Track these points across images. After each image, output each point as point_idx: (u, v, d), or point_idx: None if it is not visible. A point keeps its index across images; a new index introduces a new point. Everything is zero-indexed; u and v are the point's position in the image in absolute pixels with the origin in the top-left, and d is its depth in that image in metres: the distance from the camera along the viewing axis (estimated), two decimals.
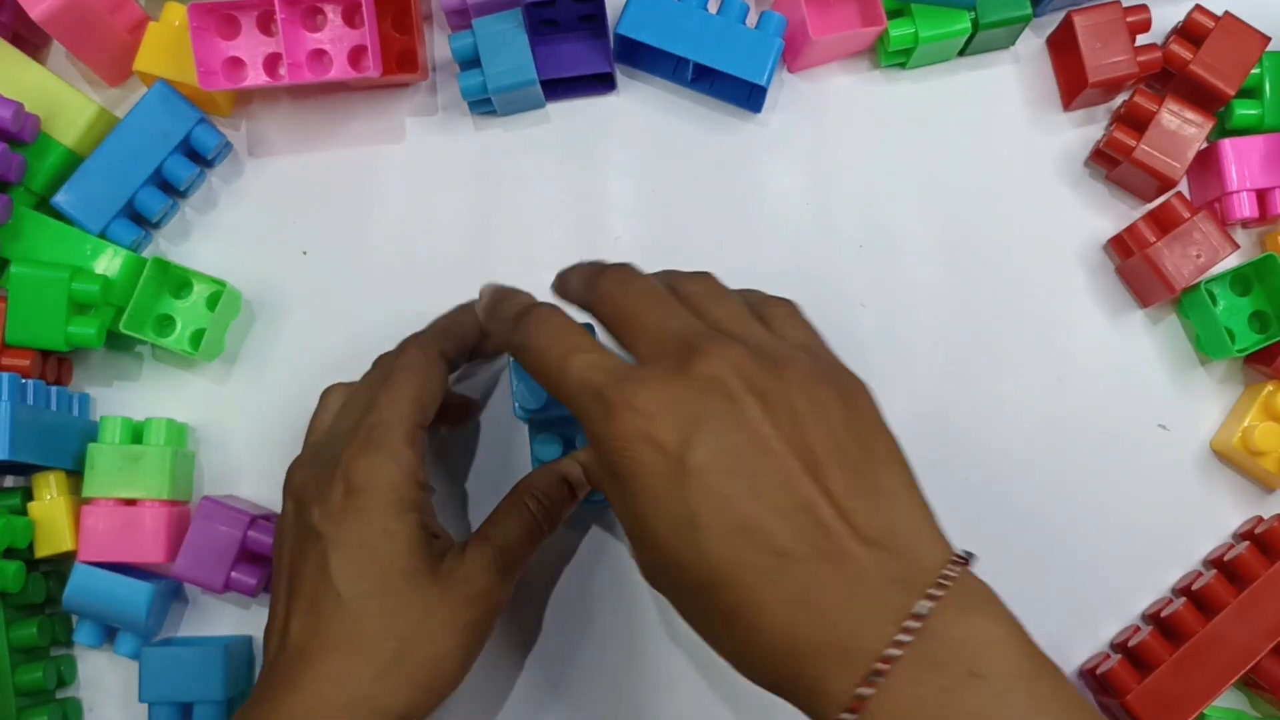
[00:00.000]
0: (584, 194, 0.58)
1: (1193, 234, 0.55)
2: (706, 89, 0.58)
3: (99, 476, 0.53)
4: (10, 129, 0.52)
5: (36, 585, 0.53)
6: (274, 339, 0.58)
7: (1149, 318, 0.58)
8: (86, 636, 0.54)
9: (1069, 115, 0.59)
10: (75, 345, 0.54)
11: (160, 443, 0.54)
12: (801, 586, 0.36)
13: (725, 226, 0.58)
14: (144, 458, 0.54)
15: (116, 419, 0.54)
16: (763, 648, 0.37)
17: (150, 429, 0.54)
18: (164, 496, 0.54)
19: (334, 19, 0.54)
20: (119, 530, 0.53)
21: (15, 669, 0.52)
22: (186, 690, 0.52)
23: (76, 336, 0.54)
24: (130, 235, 0.56)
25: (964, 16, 0.56)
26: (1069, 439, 0.57)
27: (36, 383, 0.53)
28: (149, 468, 0.53)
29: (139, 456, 0.54)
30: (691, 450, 0.37)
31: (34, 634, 0.52)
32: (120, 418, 0.54)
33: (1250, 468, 0.56)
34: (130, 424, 0.54)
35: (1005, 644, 0.35)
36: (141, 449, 0.54)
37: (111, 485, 0.53)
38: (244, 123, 0.59)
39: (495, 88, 0.55)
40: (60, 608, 0.54)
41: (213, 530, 0.53)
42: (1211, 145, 0.56)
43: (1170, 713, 0.52)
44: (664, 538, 0.37)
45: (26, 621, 0.53)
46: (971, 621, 0.36)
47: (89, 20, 0.54)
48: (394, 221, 0.58)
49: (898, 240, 0.58)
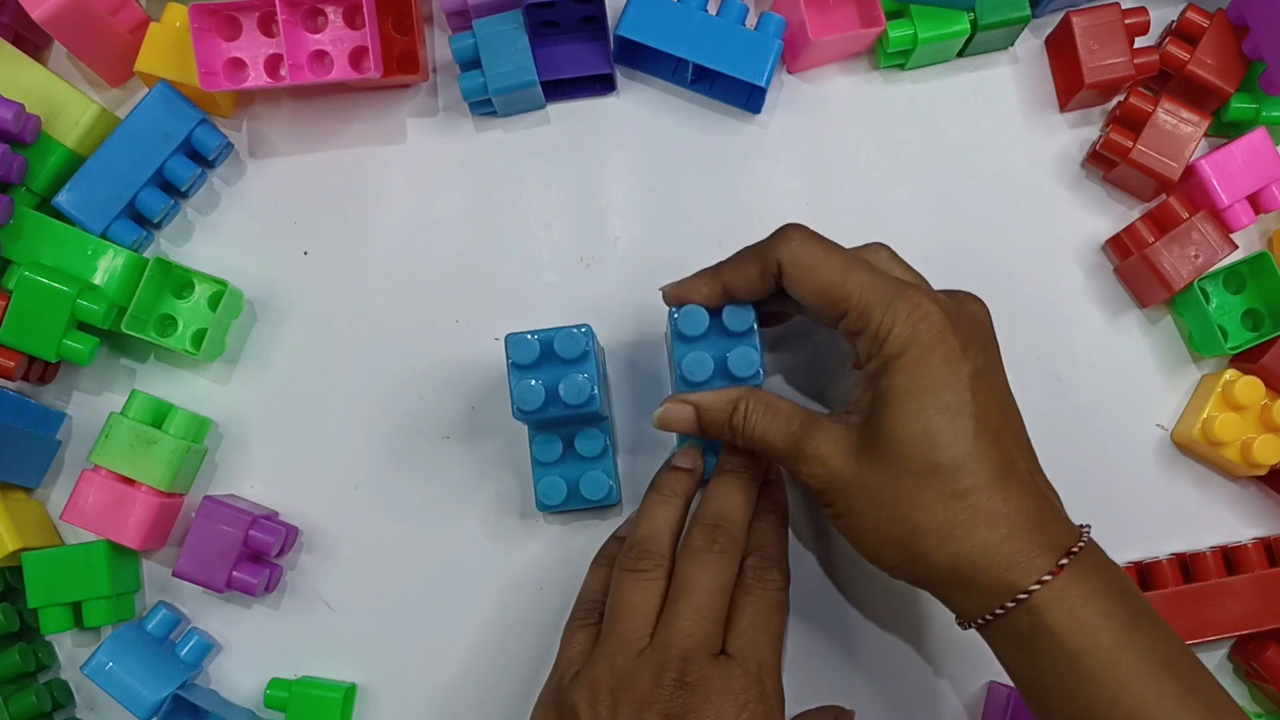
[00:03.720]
0: (584, 194, 0.58)
1: (1191, 234, 0.55)
2: (706, 90, 0.58)
3: (110, 446, 0.54)
4: (11, 130, 0.52)
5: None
6: (275, 339, 0.58)
7: (1147, 318, 0.58)
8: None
9: (1066, 116, 0.59)
10: (65, 359, 0.54)
11: (178, 434, 0.54)
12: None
13: (725, 226, 0.58)
14: (158, 443, 0.54)
15: (148, 396, 0.55)
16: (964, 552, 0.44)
17: (172, 418, 0.55)
18: (162, 488, 0.54)
19: (335, 20, 0.54)
20: (107, 505, 0.54)
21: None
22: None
23: (69, 351, 0.54)
24: (132, 235, 0.56)
25: (963, 18, 0.56)
26: (1068, 439, 0.57)
27: (8, 394, 0.54)
28: (158, 455, 0.54)
29: (153, 441, 0.54)
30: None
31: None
32: (151, 396, 0.55)
33: (1213, 458, 0.57)
34: (157, 405, 0.55)
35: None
36: (158, 434, 0.54)
37: (117, 459, 0.54)
38: (245, 123, 0.59)
39: (496, 89, 0.55)
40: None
41: (215, 530, 0.53)
42: (1190, 167, 0.56)
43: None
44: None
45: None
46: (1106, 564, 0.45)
47: (90, 21, 0.54)
48: (394, 222, 0.58)
49: (897, 240, 0.58)
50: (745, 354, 0.49)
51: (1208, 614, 0.54)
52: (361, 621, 0.56)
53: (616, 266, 0.58)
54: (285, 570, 0.57)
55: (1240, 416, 0.55)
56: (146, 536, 0.54)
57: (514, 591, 0.56)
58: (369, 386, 0.57)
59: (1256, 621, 0.54)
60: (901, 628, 0.56)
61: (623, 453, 0.57)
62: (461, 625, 0.56)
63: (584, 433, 0.54)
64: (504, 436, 0.57)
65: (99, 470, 0.54)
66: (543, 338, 0.50)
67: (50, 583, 0.54)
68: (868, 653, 0.56)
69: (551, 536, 0.57)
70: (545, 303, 0.57)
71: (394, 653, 0.56)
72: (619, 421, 0.57)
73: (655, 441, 0.57)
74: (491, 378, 0.57)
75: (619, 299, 0.57)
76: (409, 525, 0.57)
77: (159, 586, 0.57)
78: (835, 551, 0.56)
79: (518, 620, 0.56)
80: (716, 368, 0.49)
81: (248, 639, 0.57)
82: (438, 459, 0.57)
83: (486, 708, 0.56)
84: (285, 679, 0.55)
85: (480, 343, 0.57)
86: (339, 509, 0.57)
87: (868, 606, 0.56)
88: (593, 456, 0.54)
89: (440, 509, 0.57)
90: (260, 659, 0.56)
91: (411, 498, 0.57)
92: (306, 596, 0.57)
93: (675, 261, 0.57)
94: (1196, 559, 0.55)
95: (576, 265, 0.58)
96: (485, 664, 0.56)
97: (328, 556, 0.57)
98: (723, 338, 0.50)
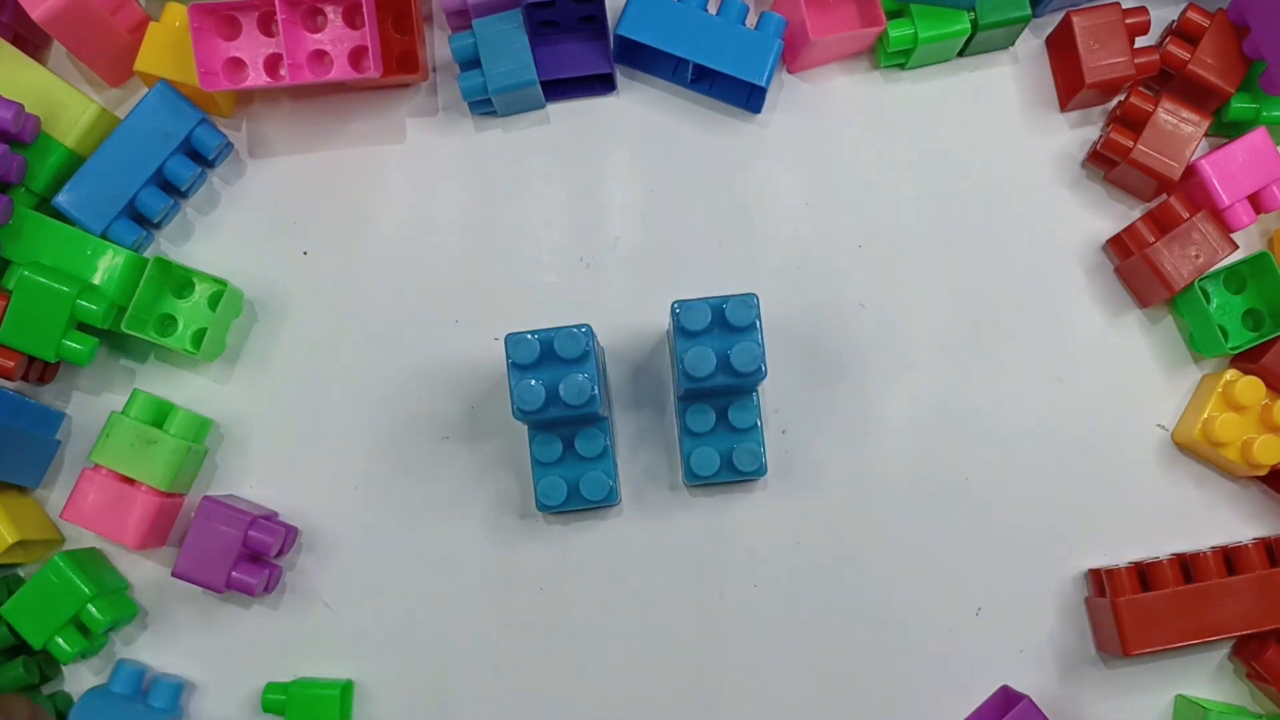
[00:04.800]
0: (584, 194, 0.58)
1: (1192, 234, 0.55)
2: (706, 90, 0.58)
3: (110, 445, 0.54)
4: (11, 130, 0.52)
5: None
6: (275, 339, 0.58)
7: (1148, 318, 0.58)
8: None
9: (1066, 116, 0.59)
10: (64, 359, 0.54)
11: (179, 434, 0.54)
12: None
13: (725, 226, 0.58)
14: (158, 443, 0.54)
15: (149, 396, 0.55)
16: None
17: (173, 418, 0.55)
18: (163, 488, 0.54)
19: (335, 20, 0.54)
20: (107, 504, 0.54)
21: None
22: None
23: (68, 351, 0.54)
24: (132, 235, 0.56)
25: (963, 17, 0.56)
26: (1068, 439, 0.57)
27: (8, 394, 0.54)
28: (159, 455, 0.54)
29: (153, 441, 0.54)
30: None
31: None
32: (153, 395, 0.55)
33: (1213, 458, 0.57)
34: (159, 404, 0.55)
35: None
36: (158, 434, 0.54)
37: (117, 459, 0.54)
38: (245, 123, 0.59)
39: (495, 88, 0.55)
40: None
41: (214, 530, 0.53)
42: (1190, 166, 0.56)
43: (1148, 632, 0.53)
44: None
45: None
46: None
47: (90, 21, 0.54)
48: (394, 222, 0.58)
49: (897, 240, 0.58)
50: (748, 349, 0.49)
51: (1208, 614, 0.54)
52: (361, 621, 0.56)
53: (616, 266, 0.58)
54: (285, 570, 0.57)
55: (1240, 416, 0.55)
56: (146, 536, 0.54)
57: (514, 591, 0.56)
58: (369, 386, 0.57)
59: (1257, 622, 0.54)
60: (903, 627, 0.56)
61: (623, 453, 0.57)
62: (461, 625, 0.56)
63: (584, 433, 0.54)
64: (504, 436, 0.57)
65: (99, 469, 0.54)
66: (543, 338, 0.50)
67: (37, 617, 0.54)
68: (870, 654, 0.56)
69: (551, 536, 0.57)
70: (545, 303, 0.57)
71: (394, 653, 0.56)
72: (619, 421, 0.57)
73: (655, 441, 0.57)
74: (491, 378, 0.57)
75: (619, 299, 0.57)
76: (409, 525, 0.57)
77: (160, 587, 0.57)
78: (840, 556, 0.56)
79: (518, 620, 0.56)
80: (719, 363, 0.49)
81: (247, 639, 0.56)
82: (438, 459, 0.57)
83: (486, 708, 0.56)
84: (281, 682, 0.55)
85: (480, 343, 0.57)
86: (339, 509, 0.57)
87: (871, 608, 0.56)
88: (593, 457, 0.54)
89: (440, 509, 0.57)
90: (260, 659, 0.56)
91: (411, 498, 0.57)
92: (306, 597, 0.57)
93: (675, 261, 0.58)
94: (1197, 559, 0.55)
95: (576, 265, 0.58)
96: (485, 664, 0.56)
97: (327, 556, 0.57)
98: (725, 333, 0.50)
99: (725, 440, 0.54)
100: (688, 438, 0.55)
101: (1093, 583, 0.56)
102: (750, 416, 0.54)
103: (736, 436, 0.54)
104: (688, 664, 0.56)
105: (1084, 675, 0.56)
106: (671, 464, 0.57)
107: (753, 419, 0.54)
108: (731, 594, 0.56)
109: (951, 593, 0.56)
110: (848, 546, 0.56)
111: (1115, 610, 0.53)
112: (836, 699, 0.56)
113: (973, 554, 0.56)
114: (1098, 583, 0.56)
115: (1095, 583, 0.56)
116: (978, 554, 0.56)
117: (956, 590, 0.56)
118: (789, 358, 0.57)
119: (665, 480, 0.57)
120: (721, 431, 0.54)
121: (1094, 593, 0.56)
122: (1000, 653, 0.56)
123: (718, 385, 0.51)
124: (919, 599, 0.56)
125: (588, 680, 0.56)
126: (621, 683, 0.56)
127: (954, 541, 0.56)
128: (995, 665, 0.56)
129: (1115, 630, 0.53)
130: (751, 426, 0.54)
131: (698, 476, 0.54)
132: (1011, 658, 0.56)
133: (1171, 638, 0.53)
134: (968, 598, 0.56)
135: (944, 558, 0.56)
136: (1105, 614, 0.54)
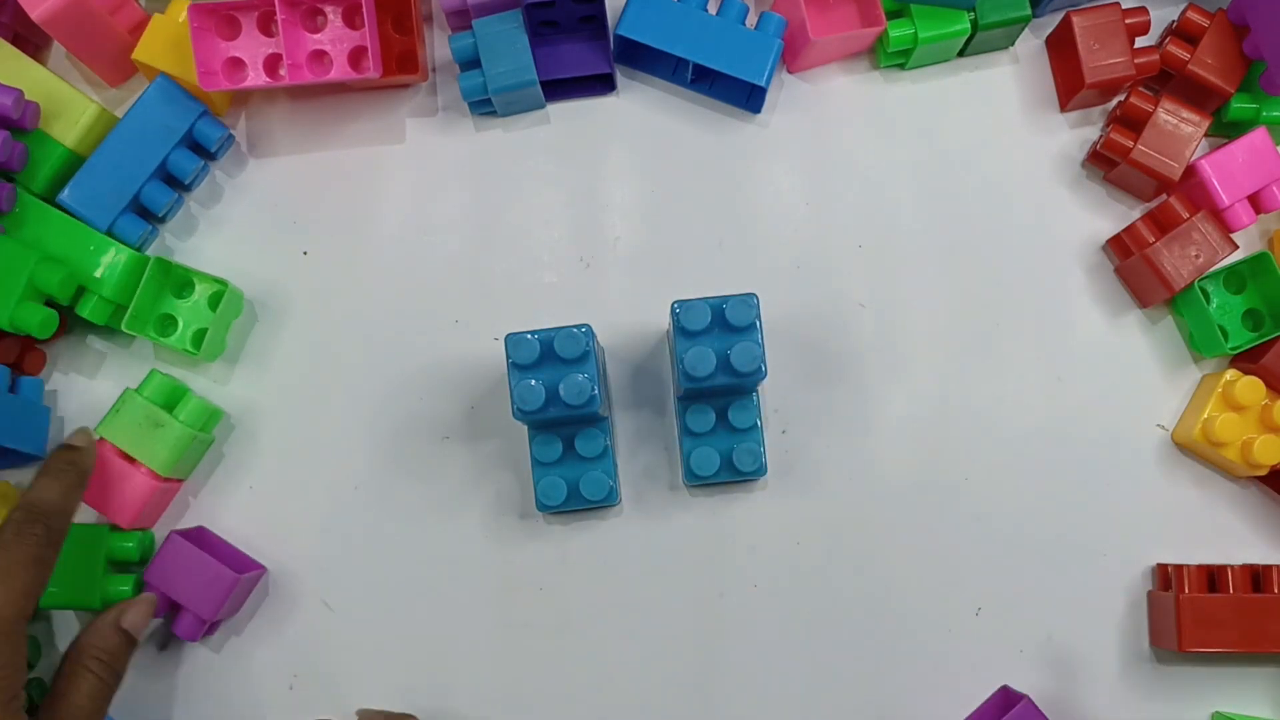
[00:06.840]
0: (584, 194, 0.58)
1: (1192, 234, 0.55)
2: (706, 90, 0.58)
3: (118, 422, 0.54)
4: (11, 116, 0.52)
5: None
6: (275, 339, 0.58)
7: (1148, 318, 0.58)
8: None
9: (1066, 116, 0.59)
10: (19, 329, 0.53)
11: (187, 421, 0.54)
12: None
13: (725, 226, 0.58)
14: (165, 427, 0.54)
15: (166, 377, 0.55)
16: None
17: (185, 403, 0.55)
18: (162, 473, 0.54)
19: (334, 20, 0.54)
20: (104, 480, 0.54)
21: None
22: None
23: (21, 319, 0.52)
24: (137, 230, 0.56)
25: (963, 17, 0.56)
26: (1068, 439, 0.57)
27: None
28: (164, 439, 0.54)
29: (161, 424, 0.54)
30: None
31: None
32: (170, 377, 0.55)
33: (1213, 458, 0.57)
34: (174, 387, 0.55)
35: None
36: (167, 418, 0.54)
37: (122, 436, 0.54)
38: (244, 124, 0.59)
39: (495, 88, 0.55)
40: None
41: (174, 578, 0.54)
42: (1190, 166, 0.56)
43: (1205, 632, 0.53)
44: None
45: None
46: None
47: (89, 21, 0.54)
48: (394, 222, 0.58)
49: (897, 240, 0.58)
50: (748, 349, 0.49)
51: (1270, 627, 0.53)
52: (361, 622, 0.56)
53: (616, 266, 0.58)
54: (284, 571, 0.57)
55: (1240, 417, 0.55)
56: (137, 516, 0.54)
57: (514, 591, 0.56)
58: (369, 386, 0.57)
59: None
60: (903, 627, 0.56)
61: (623, 453, 0.57)
62: (461, 625, 0.56)
63: (584, 433, 0.54)
64: (504, 436, 0.57)
65: (103, 443, 0.54)
66: (543, 338, 0.50)
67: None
68: (870, 653, 0.56)
69: (551, 536, 0.57)
70: (545, 303, 0.57)
71: (394, 653, 0.56)
72: (619, 421, 0.57)
73: (655, 441, 0.57)
74: (491, 378, 0.57)
75: (619, 299, 0.57)
76: (409, 525, 0.57)
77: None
78: (840, 556, 0.56)
79: (518, 620, 0.56)
80: (719, 363, 0.49)
81: (246, 640, 0.56)
82: (437, 459, 0.57)
83: (486, 707, 0.56)
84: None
85: (480, 343, 0.57)
86: (339, 509, 0.57)
87: (871, 608, 0.56)
88: (593, 457, 0.54)
89: (440, 509, 0.57)
90: (259, 659, 0.56)
91: (411, 498, 0.57)
92: (306, 597, 0.57)
93: (675, 261, 0.58)
94: (1268, 571, 0.54)
95: (576, 265, 0.58)
96: (485, 664, 0.56)
97: (327, 557, 0.57)
98: (725, 333, 0.50)
99: (725, 440, 0.54)
100: (688, 438, 0.55)
101: (1159, 577, 0.56)
102: (750, 416, 0.54)
103: (736, 436, 0.54)
104: (688, 664, 0.56)
105: (1084, 675, 0.56)
106: (671, 464, 0.57)
107: (753, 419, 0.54)
108: (731, 594, 0.56)
109: (951, 593, 0.56)
110: (848, 546, 0.56)
111: (1177, 607, 0.53)
112: (836, 699, 0.56)
113: (973, 554, 0.56)
114: (1164, 577, 0.56)
115: (1161, 577, 0.56)
116: (978, 554, 0.56)
117: (956, 590, 0.56)
118: (789, 358, 0.57)
119: (665, 480, 0.57)
120: (721, 431, 0.54)
121: (1159, 586, 0.56)
122: (1000, 653, 0.56)
123: (718, 385, 0.51)
124: (919, 599, 0.56)
125: (588, 680, 0.56)
126: (621, 682, 0.56)
127: (954, 541, 0.56)
128: (995, 665, 0.56)
129: (1175, 625, 0.53)
130: (751, 426, 0.54)
131: (698, 476, 0.54)
132: (1011, 658, 0.56)
133: (1229, 643, 0.53)
134: (968, 598, 0.56)
135: (944, 557, 0.56)
136: (1167, 609, 0.54)
